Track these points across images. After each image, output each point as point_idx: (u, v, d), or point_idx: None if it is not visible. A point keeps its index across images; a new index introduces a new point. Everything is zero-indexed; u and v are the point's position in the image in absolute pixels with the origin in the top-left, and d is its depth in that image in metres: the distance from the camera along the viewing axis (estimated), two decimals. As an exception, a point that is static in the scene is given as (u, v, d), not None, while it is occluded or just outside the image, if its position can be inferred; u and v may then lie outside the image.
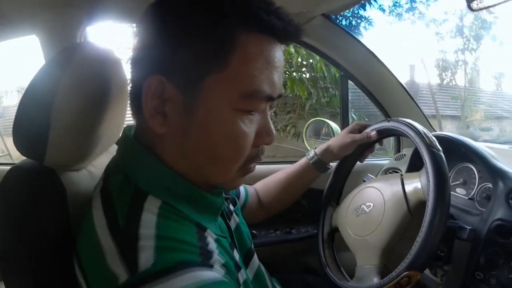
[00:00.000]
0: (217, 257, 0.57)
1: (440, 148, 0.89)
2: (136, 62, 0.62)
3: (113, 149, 0.90)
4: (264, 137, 0.65)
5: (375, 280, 0.88)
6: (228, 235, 0.74)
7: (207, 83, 0.57)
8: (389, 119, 1.07)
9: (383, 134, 1.08)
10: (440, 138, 0.93)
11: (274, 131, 0.67)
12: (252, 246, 0.87)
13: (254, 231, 1.45)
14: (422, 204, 0.87)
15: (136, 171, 0.62)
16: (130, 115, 0.68)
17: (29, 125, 0.67)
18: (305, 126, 1.77)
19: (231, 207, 0.87)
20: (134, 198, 0.58)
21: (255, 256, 0.86)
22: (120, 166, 0.64)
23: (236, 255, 0.72)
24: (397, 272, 0.81)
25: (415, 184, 0.92)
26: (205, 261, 0.53)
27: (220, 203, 0.69)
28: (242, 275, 0.68)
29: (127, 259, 0.51)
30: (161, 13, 0.59)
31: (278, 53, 0.62)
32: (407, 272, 0.80)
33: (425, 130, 0.94)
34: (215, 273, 0.53)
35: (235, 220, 0.84)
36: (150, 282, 0.48)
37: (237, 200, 0.98)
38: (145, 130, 0.63)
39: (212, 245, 0.59)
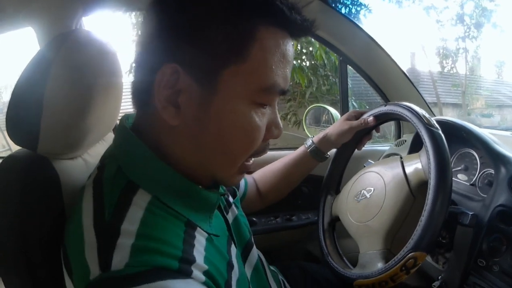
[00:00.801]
0: (199, 263, 0.54)
1: (439, 127, 0.88)
2: (146, 49, 0.59)
3: (110, 137, 0.90)
4: (273, 130, 0.65)
5: (380, 265, 0.87)
6: (226, 229, 0.73)
7: (225, 75, 0.55)
8: (385, 103, 1.06)
9: (380, 119, 1.08)
10: (441, 123, 0.92)
11: (281, 125, 0.67)
12: (252, 238, 0.86)
13: (254, 219, 1.45)
14: (423, 184, 0.87)
15: (130, 163, 0.60)
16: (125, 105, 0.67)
17: (22, 112, 0.66)
18: (305, 113, 1.75)
19: (231, 198, 0.86)
20: (125, 190, 0.56)
21: (254, 248, 0.85)
22: (115, 156, 0.63)
23: (233, 250, 0.71)
24: (403, 254, 0.79)
25: (415, 165, 0.91)
26: (183, 267, 0.51)
27: (215, 199, 0.66)
28: (235, 274, 0.66)
29: (102, 254, 0.50)
30: (180, 2, 0.56)
31: (291, 47, 0.62)
32: (413, 253, 0.78)
33: (423, 111, 0.93)
34: (192, 282, 0.51)
35: (233, 212, 0.83)
36: (118, 286, 0.47)
37: (237, 191, 0.98)
38: (151, 123, 0.61)
39: (200, 245, 0.58)
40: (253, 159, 0.67)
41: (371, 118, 1.07)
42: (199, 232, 0.60)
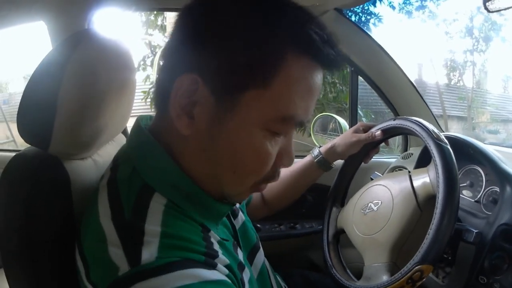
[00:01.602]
0: (221, 257, 0.56)
1: (447, 142, 0.88)
2: (171, 55, 0.59)
3: (119, 138, 0.90)
4: (284, 159, 0.63)
5: (385, 277, 0.87)
6: (233, 235, 0.74)
7: (244, 97, 0.54)
8: (395, 118, 1.06)
9: (388, 133, 1.08)
10: (449, 138, 0.92)
11: (294, 155, 0.65)
12: (259, 242, 0.87)
13: (258, 225, 1.45)
14: (431, 198, 0.87)
15: (145, 165, 0.60)
16: (137, 106, 0.67)
17: (35, 112, 0.66)
18: (313, 121, 1.75)
19: (237, 204, 0.86)
20: (141, 193, 0.57)
21: (261, 251, 0.86)
22: (130, 157, 0.63)
23: (240, 253, 0.71)
24: (409, 266, 0.79)
25: (423, 179, 0.91)
26: (209, 260, 0.53)
27: (225, 210, 0.68)
28: (246, 274, 0.67)
29: (130, 251, 0.50)
30: (211, 11, 0.55)
31: (320, 79, 0.59)
32: (419, 266, 0.78)
33: (432, 126, 0.93)
34: (217, 273, 0.53)
35: (241, 217, 0.84)
36: (151, 276, 0.48)
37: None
38: (166, 128, 0.60)
39: (216, 245, 0.59)
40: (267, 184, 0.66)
41: (379, 132, 1.07)
42: (212, 234, 0.61)
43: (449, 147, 0.87)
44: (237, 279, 0.59)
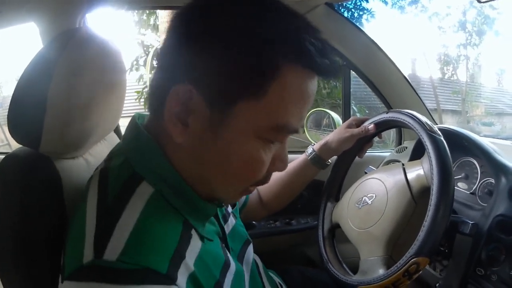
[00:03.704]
0: (186, 267, 0.55)
1: (441, 134, 0.88)
2: (166, 60, 0.59)
3: (111, 137, 0.90)
4: (278, 164, 0.64)
5: (381, 271, 0.86)
6: (221, 237, 0.74)
7: (239, 107, 0.54)
8: (387, 111, 1.06)
9: (381, 126, 1.08)
10: (443, 131, 0.92)
11: (287, 160, 0.66)
12: (249, 238, 0.87)
13: (253, 222, 1.45)
14: (425, 190, 0.87)
15: (137, 156, 0.61)
16: (131, 106, 0.67)
17: (24, 111, 0.66)
18: (306, 116, 1.75)
19: (229, 209, 0.86)
20: (129, 181, 0.58)
21: (250, 248, 0.86)
22: (123, 149, 0.64)
23: (228, 255, 0.71)
24: (405, 259, 0.79)
25: (417, 171, 0.91)
26: (171, 271, 0.52)
27: (212, 211, 0.67)
28: (231, 273, 0.68)
29: (98, 241, 0.51)
30: (206, 19, 0.55)
31: (314, 85, 0.60)
32: (415, 259, 0.77)
33: (425, 118, 0.93)
34: None
35: (232, 222, 0.83)
36: (107, 281, 0.47)
37: (237, 202, 0.98)
38: (159, 131, 0.61)
39: (195, 245, 0.59)
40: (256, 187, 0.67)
41: (371, 125, 1.07)
42: (194, 233, 0.61)
43: (442, 138, 0.87)
44: (211, 285, 0.59)
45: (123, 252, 0.49)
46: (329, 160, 1.14)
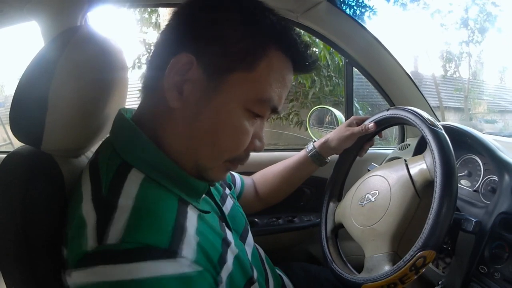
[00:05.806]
0: (191, 238, 0.57)
1: (442, 128, 0.88)
2: (170, 33, 0.66)
3: (113, 136, 0.89)
4: (256, 142, 0.71)
5: (387, 267, 0.86)
6: (220, 216, 0.76)
7: (232, 78, 0.62)
8: (388, 108, 1.06)
9: (382, 124, 1.08)
10: (446, 128, 0.92)
11: (264, 141, 0.73)
12: (248, 225, 0.90)
13: (256, 219, 1.45)
14: (429, 184, 0.87)
15: (124, 146, 0.65)
16: (134, 104, 0.69)
17: (26, 109, 0.66)
18: (309, 114, 1.74)
19: (227, 191, 0.91)
20: (119, 169, 0.61)
21: (250, 236, 0.88)
22: (110, 141, 0.68)
23: (229, 233, 0.74)
24: (412, 253, 0.78)
25: (420, 165, 0.91)
26: (174, 245, 0.54)
27: (203, 187, 0.71)
28: (232, 251, 0.69)
29: (99, 228, 0.53)
30: (211, 7, 0.64)
31: (291, 78, 0.70)
32: (422, 252, 0.77)
33: (426, 114, 0.93)
34: (176, 265, 0.53)
35: (230, 203, 0.87)
36: (112, 262, 0.50)
37: (233, 186, 1.04)
38: (152, 105, 0.67)
39: (192, 218, 0.62)
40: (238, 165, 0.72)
41: (372, 124, 1.07)
42: (191, 208, 0.64)
43: (443, 132, 0.87)
44: (210, 258, 0.60)
45: (124, 233, 0.52)
46: (328, 158, 1.15)
